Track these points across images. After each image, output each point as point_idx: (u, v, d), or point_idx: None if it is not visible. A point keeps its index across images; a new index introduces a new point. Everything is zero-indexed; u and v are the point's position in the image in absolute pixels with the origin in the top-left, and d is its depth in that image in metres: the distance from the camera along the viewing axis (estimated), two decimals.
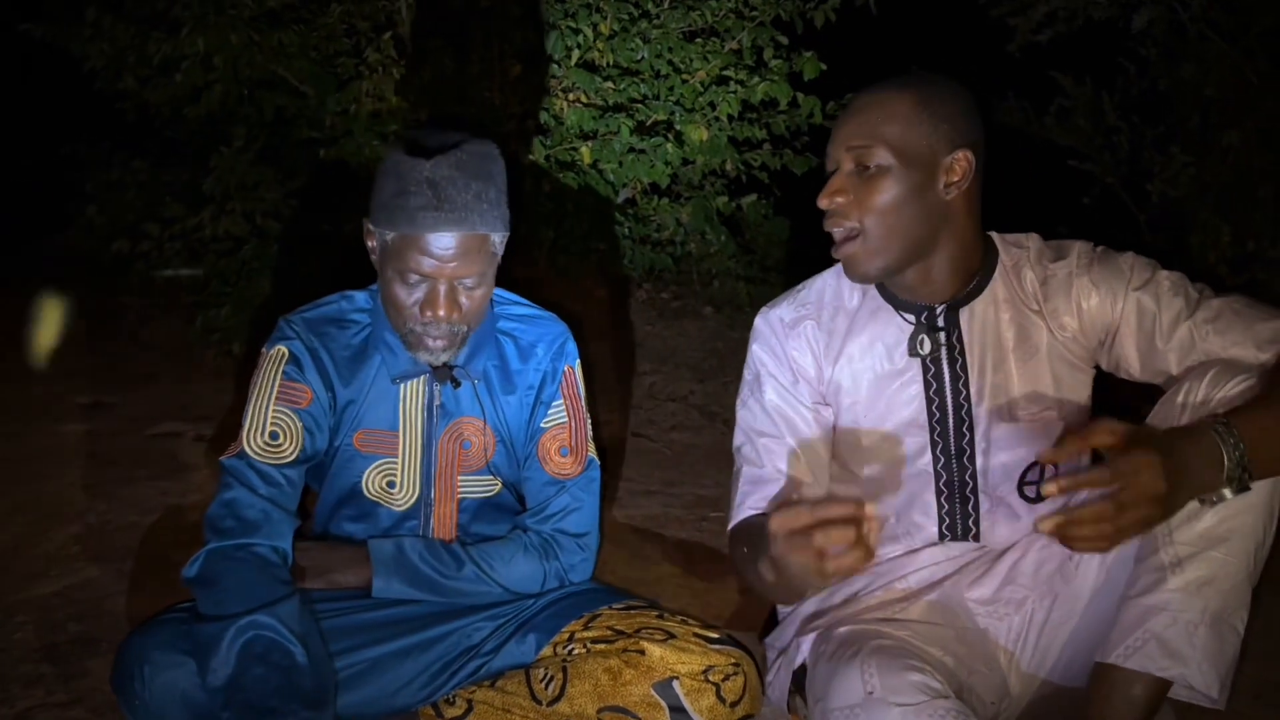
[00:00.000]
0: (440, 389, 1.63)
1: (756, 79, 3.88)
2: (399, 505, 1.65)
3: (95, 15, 3.45)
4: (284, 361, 1.58)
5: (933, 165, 1.46)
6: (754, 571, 1.38)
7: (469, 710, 1.54)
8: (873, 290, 1.59)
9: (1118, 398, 1.71)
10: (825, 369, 1.61)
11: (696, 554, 2.28)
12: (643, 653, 1.51)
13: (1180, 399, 1.37)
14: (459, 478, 1.66)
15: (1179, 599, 1.28)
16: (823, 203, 1.49)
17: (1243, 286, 3.45)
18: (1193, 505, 1.29)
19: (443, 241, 1.46)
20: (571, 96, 3.87)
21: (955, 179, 1.47)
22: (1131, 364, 1.50)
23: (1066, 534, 1.20)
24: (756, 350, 1.65)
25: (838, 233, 1.50)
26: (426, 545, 1.63)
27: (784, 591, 1.48)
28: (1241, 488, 1.25)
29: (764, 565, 1.29)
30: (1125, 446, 1.20)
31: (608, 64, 3.83)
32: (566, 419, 1.69)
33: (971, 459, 1.55)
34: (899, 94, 1.46)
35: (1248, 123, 3.60)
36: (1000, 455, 1.55)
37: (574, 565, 1.69)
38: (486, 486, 1.69)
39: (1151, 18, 3.72)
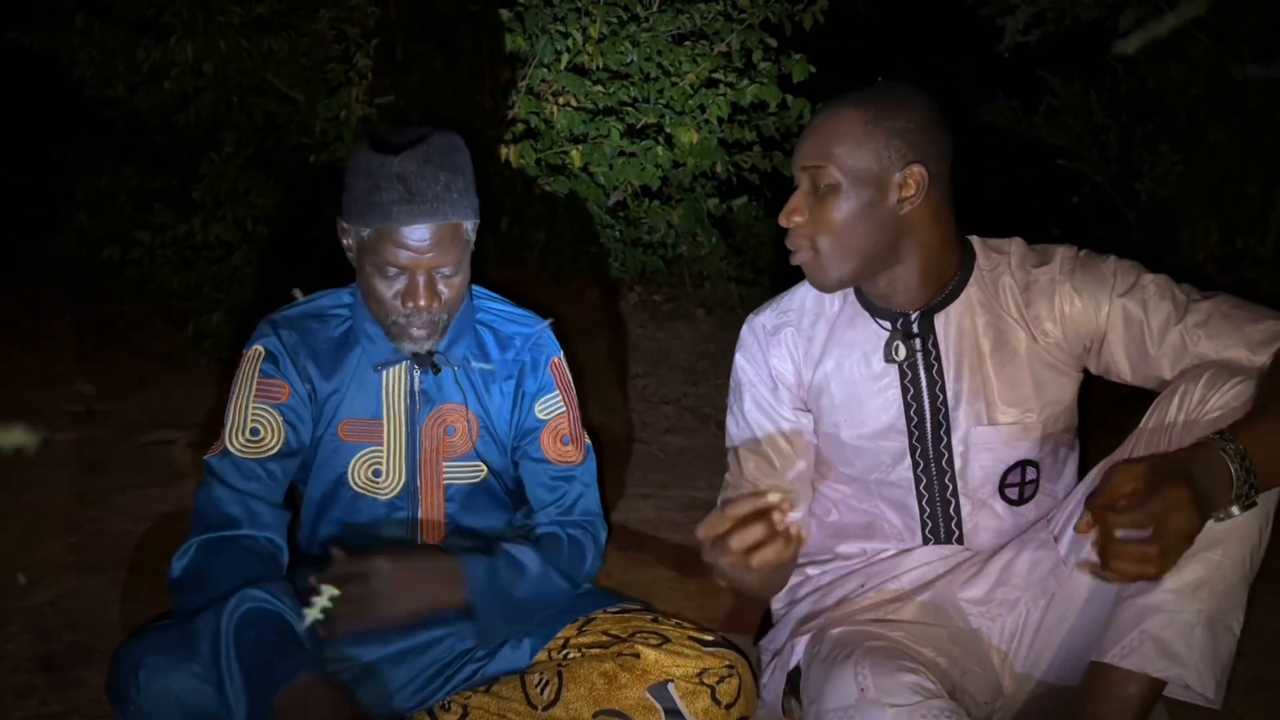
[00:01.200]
0: (421, 376, 1.64)
1: (746, 81, 3.89)
2: (385, 494, 1.65)
3: (84, 22, 3.43)
4: (260, 360, 1.60)
5: (884, 182, 1.47)
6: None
7: (464, 716, 1.54)
8: (851, 297, 1.61)
9: (1106, 397, 1.72)
10: (805, 375, 1.63)
11: (690, 557, 2.28)
12: (638, 656, 1.51)
13: (1176, 401, 1.37)
14: (444, 463, 1.66)
15: (1175, 600, 1.28)
16: (782, 221, 1.52)
17: (1231, 284, 3.47)
18: None
19: (417, 233, 1.49)
20: (561, 100, 3.87)
21: (909, 194, 1.47)
22: (1123, 370, 1.50)
23: (1109, 566, 1.19)
24: (739, 359, 1.68)
25: (795, 247, 1.53)
26: (508, 564, 1.60)
27: (745, 593, 1.50)
28: (1249, 504, 1.24)
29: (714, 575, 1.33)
30: (1153, 484, 1.19)
31: (597, 67, 3.83)
32: (564, 409, 1.71)
33: (950, 462, 1.56)
34: (850, 112, 1.47)
35: (1234, 120, 3.62)
36: (980, 458, 1.55)
37: (602, 544, 1.73)
38: (472, 472, 1.69)
39: (1138, 18, 3.73)
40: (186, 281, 3.47)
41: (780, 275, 4.01)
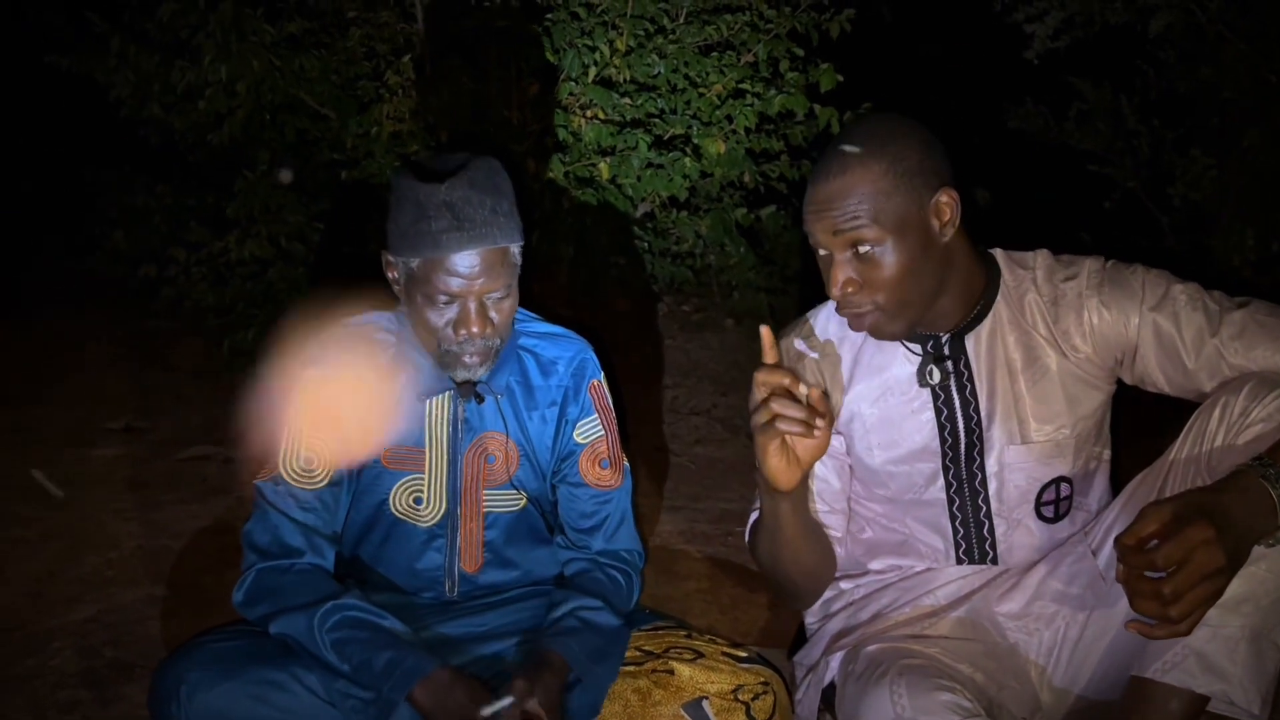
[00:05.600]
0: (464, 405, 1.64)
1: (773, 91, 3.88)
2: (425, 522, 1.66)
3: (120, 45, 3.49)
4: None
5: (922, 220, 1.44)
6: (765, 533, 1.47)
7: None
8: None
9: (1138, 405, 1.70)
10: (834, 399, 1.61)
11: (723, 570, 2.28)
12: (672, 673, 1.51)
13: (1216, 414, 1.36)
14: (484, 492, 1.67)
15: (1218, 614, 1.26)
16: (834, 294, 1.47)
17: (1268, 288, 3.42)
18: None
19: (467, 260, 1.49)
20: (589, 113, 3.87)
21: (946, 219, 1.46)
22: (1159, 382, 1.49)
23: (1132, 604, 1.19)
24: None
25: (856, 309, 1.48)
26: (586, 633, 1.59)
27: (771, 506, 1.50)
28: None
29: (762, 492, 1.38)
30: (1175, 525, 1.17)
31: (624, 80, 3.84)
32: (603, 432, 1.71)
33: (984, 483, 1.55)
34: (866, 167, 1.42)
35: (1267, 123, 3.58)
36: (1014, 478, 1.54)
37: (640, 579, 1.73)
38: (511, 502, 1.69)
39: (1169, 21, 3.70)
40: (221, 298, 3.51)
41: (809, 285, 4.00)
